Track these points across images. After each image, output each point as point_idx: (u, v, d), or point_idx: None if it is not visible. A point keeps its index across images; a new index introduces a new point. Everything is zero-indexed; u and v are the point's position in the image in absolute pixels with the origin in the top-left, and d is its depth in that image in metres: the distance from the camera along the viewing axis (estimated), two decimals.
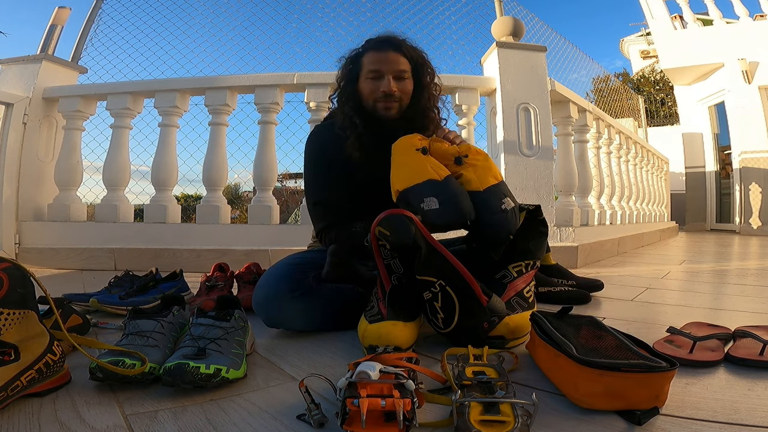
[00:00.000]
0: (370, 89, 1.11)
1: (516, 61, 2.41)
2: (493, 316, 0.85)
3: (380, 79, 1.10)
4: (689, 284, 1.81)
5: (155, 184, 2.42)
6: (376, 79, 1.11)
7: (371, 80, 1.11)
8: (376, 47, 1.13)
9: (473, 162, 1.02)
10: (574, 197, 2.74)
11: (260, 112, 2.38)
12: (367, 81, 1.12)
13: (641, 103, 8.15)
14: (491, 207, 0.97)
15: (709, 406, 0.62)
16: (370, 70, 1.11)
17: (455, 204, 0.93)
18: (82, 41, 2.83)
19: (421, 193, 0.93)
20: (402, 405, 0.52)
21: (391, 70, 1.10)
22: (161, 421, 0.59)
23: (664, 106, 9.94)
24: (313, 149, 1.19)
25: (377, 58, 1.11)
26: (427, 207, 0.92)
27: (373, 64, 1.11)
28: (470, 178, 0.99)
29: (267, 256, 2.10)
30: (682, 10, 6.60)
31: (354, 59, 1.15)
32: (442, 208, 0.92)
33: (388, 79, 1.10)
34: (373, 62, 1.11)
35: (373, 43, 1.14)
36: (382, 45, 1.13)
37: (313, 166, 1.18)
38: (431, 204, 0.92)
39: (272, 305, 0.99)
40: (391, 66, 1.11)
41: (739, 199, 6.07)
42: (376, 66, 1.10)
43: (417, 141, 1.02)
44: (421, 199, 0.93)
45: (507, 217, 0.97)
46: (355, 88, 1.15)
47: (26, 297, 0.64)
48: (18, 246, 2.34)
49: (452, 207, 0.93)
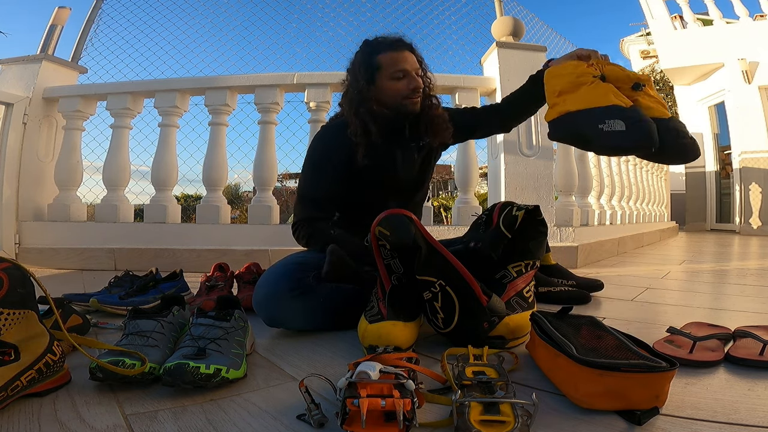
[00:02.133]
0: (397, 88, 1.14)
1: (516, 61, 2.41)
2: (493, 316, 0.85)
3: (405, 78, 1.14)
4: (689, 284, 1.80)
5: (155, 184, 2.42)
6: (401, 78, 1.14)
7: (397, 80, 1.14)
8: (393, 48, 1.15)
9: (649, 92, 0.99)
10: (574, 197, 2.74)
11: (260, 112, 2.38)
12: (392, 81, 1.14)
13: None
14: (680, 131, 0.96)
15: (709, 406, 0.62)
16: (396, 70, 1.13)
17: (647, 128, 0.91)
18: (82, 41, 2.83)
19: (603, 116, 0.92)
20: (402, 405, 0.52)
21: (413, 68, 1.15)
22: (161, 421, 0.59)
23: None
24: (316, 151, 1.19)
25: (399, 57, 1.14)
26: (609, 128, 0.91)
27: (397, 64, 1.14)
28: (650, 105, 0.97)
29: (267, 256, 2.10)
30: (682, 10, 6.60)
31: (367, 61, 1.15)
32: (631, 130, 0.90)
33: (414, 76, 1.14)
34: (395, 62, 1.14)
35: (388, 43, 1.16)
36: (398, 45, 1.15)
37: (311, 167, 1.18)
38: (615, 126, 0.91)
39: (272, 305, 0.99)
40: (412, 64, 1.15)
41: (739, 199, 6.07)
42: (401, 66, 1.14)
43: (590, 68, 1.00)
44: (602, 120, 0.92)
45: (694, 142, 0.98)
46: (371, 90, 1.15)
47: (26, 297, 0.64)
48: (18, 246, 2.34)
49: (642, 130, 0.91)
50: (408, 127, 1.21)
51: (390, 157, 1.20)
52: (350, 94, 1.18)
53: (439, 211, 7.48)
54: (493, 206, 1.06)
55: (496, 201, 1.37)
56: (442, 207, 7.55)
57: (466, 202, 2.41)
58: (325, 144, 1.19)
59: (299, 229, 1.16)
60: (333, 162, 1.15)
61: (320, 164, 1.17)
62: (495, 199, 2.51)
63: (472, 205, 2.39)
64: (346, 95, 1.20)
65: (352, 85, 1.18)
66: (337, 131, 1.18)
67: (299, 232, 1.16)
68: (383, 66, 1.14)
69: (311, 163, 1.19)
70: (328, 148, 1.18)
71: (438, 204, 7.55)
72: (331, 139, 1.19)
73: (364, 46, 1.19)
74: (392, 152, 1.20)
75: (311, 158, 1.19)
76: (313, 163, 1.18)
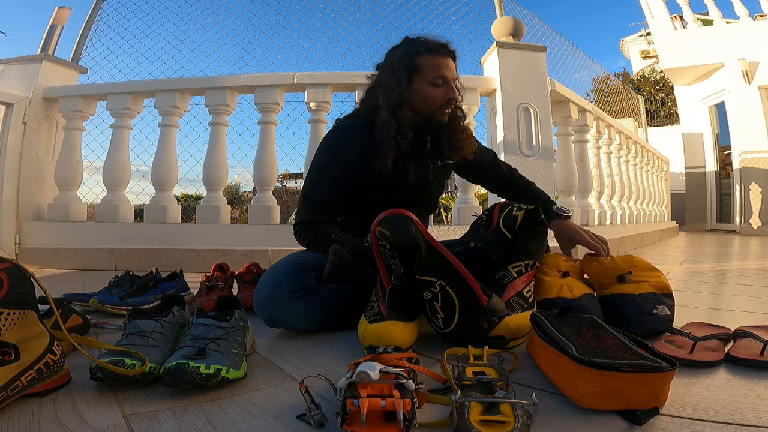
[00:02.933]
0: (434, 95, 1.09)
1: (516, 61, 2.41)
2: (493, 316, 0.85)
3: (444, 86, 1.09)
4: (689, 284, 1.80)
5: (155, 184, 2.42)
6: (440, 85, 1.09)
7: (435, 87, 1.09)
8: (437, 52, 1.09)
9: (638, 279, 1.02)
10: (575, 197, 2.74)
11: (260, 112, 2.38)
12: (430, 87, 1.09)
13: (641, 103, 8.15)
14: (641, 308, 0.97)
15: (709, 406, 0.62)
16: (437, 76, 1.08)
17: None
18: (82, 41, 2.83)
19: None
20: (402, 405, 0.52)
21: (452, 77, 1.10)
22: (161, 421, 0.59)
23: (664, 106, 9.95)
24: (324, 152, 1.14)
25: (442, 63, 1.09)
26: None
27: (438, 69, 1.08)
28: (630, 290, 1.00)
29: (267, 256, 2.10)
30: (682, 10, 6.60)
31: (408, 60, 1.09)
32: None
33: (453, 86, 1.10)
34: (437, 67, 1.08)
35: (432, 46, 1.09)
36: (443, 50, 1.10)
37: (318, 168, 1.14)
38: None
39: (272, 305, 0.99)
40: (453, 73, 1.11)
41: (739, 199, 6.07)
42: (443, 72, 1.08)
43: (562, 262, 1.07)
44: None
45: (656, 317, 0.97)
46: (408, 91, 1.09)
47: (26, 297, 0.64)
48: (18, 246, 2.34)
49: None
50: (429, 141, 1.16)
51: (403, 171, 1.14)
52: (387, 93, 1.10)
53: (439, 211, 7.48)
54: (493, 206, 1.06)
55: (496, 201, 1.37)
56: (442, 207, 7.55)
57: (466, 202, 2.41)
58: (333, 146, 1.14)
59: (301, 231, 1.14)
60: (340, 165, 1.11)
61: (327, 166, 1.12)
62: (495, 199, 2.51)
63: (472, 205, 2.38)
64: (380, 92, 1.12)
65: (390, 83, 1.10)
66: (349, 133, 1.14)
67: (301, 233, 1.14)
68: (423, 69, 1.08)
69: (318, 165, 1.15)
70: (333, 154, 1.13)
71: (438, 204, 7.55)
72: (340, 141, 1.14)
73: (406, 44, 1.12)
74: (406, 167, 1.15)
75: (318, 159, 1.15)
76: (320, 164, 1.14)
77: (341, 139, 1.15)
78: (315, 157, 1.17)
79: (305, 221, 1.14)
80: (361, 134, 1.12)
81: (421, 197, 1.22)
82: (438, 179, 1.24)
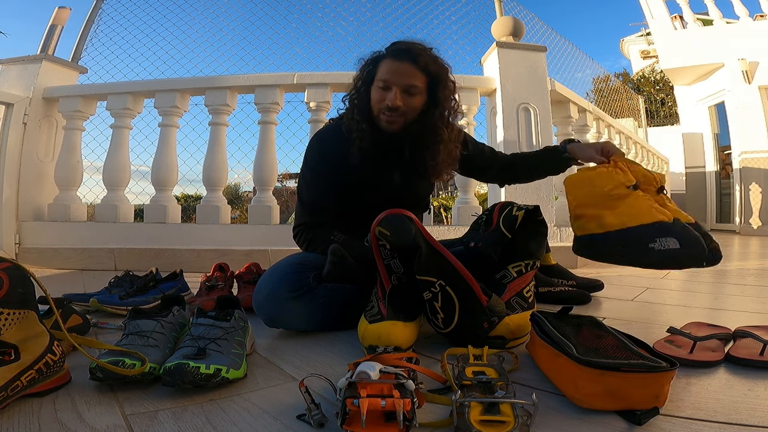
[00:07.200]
0: (377, 99, 1.09)
1: (516, 61, 2.41)
2: (493, 316, 0.85)
3: (388, 91, 1.07)
4: (689, 284, 1.81)
5: (155, 184, 2.42)
6: (384, 89, 1.07)
7: (380, 90, 1.08)
8: (394, 56, 1.08)
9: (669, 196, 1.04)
10: None
11: (260, 112, 2.38)
12: (376, 89, 1.09)
13: (641, 103, 8.15)
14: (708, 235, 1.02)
15: (709, 406, 0.62)
16: (381, 79, 1.07)
17: (699, 244, 0.99)
18: (82, 41, 2.83)
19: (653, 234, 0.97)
20: (402, 405, 0.52)
21: (400, 83, 1.06)
22: (161, 421, 0.59)
23: (664, 106, 9.94)
24: (314, 154, 1.16)
25: (391, 68, 1.07)
26: (661, 247, 0.96)
27: (385, 73, 1.07)
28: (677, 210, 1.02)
29: (267, 256, 2.10)
30: (682, 10, 6.59)
31: (373, 63, 1.11)
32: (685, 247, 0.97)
33: (395, 93, 1.05)
34: (385, 72, 1.07)
35: (393, 50, 1.09)
36: (401, 55, 1.07)
37: (310, 172, 1.16)
38: (668, 243, 0.96)
39: (272, 305, 0.99)
40: (402, 79, 1.06)
41: (739, 199, 6.06)
42: (387, 76, 1.07)
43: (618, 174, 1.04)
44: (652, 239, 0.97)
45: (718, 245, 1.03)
46: (367, 93, 1.11)
47: (26, 297, 0.64)
48: (18, 246, 2.34)
49: (696, 247, 0.99)
50: (408, 150, 1.14)
51: (386, 173, 1.15)
52: (352, 93, 1.14)
53: (439, 211, 7.48)
54: (493, 206, 1.06)
55: (496, 201, 1.37)
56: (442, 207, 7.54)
57: (466, 202, 2.41)
58: (319, 148, 1.16)
59: (300, 234, 1.16)
60: (332, 165, 1.12)
61: (318, 168, 1.14)
62: (495, 199, 2.52)
63: (472, 205, 2.39)
64: (351, 93, 1.16)
65: (356, 82, 1.14)
66: (335, 133, 1.15)
67: (300, 236, 1.16)
68: (378, 72, 1.09)
69: (309, 167, 1.16)
70: (322, 153, 1.15)
71: (438, 204, 7.55)
72: (329, 142, 1.16)
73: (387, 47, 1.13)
74: (390, 172, 1.15)
75: (308, 163, 1.16)
76: (310, 166, 1.16)
77: (329, 139, 1.17)
78: (304, 160, 1.18)
79: (303, 224, 1.15)
80: (342, 134, 1.13)
81: (408, 198, 1.21)
82: (425, 180, 1.23)
